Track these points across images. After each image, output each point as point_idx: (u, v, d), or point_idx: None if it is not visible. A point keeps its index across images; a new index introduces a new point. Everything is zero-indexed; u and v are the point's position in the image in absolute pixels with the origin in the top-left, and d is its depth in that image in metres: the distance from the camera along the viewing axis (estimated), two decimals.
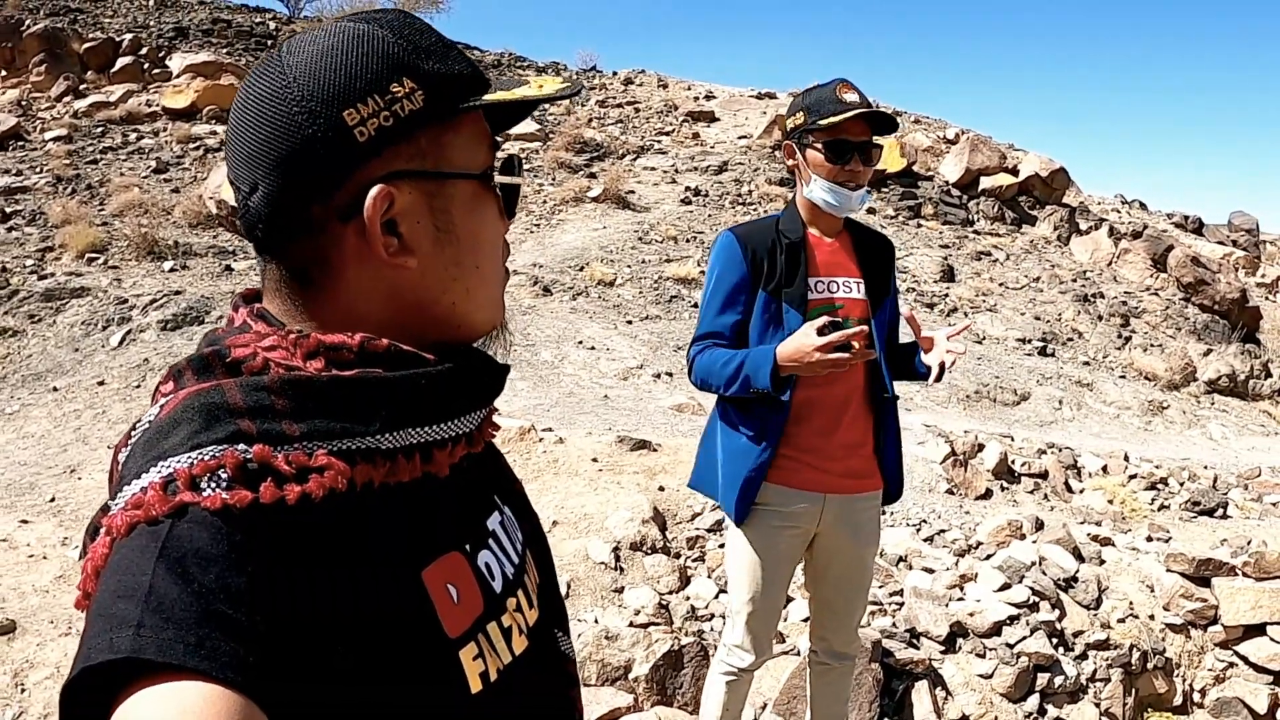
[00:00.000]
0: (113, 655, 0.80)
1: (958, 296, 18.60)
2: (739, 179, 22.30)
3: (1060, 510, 8.55)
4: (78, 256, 13.50)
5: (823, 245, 3.42)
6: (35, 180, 16.24)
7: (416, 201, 1.11)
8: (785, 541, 3.50)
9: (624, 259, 16.92)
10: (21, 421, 9.48)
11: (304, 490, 0.96)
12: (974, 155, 24.69)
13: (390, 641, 1.00)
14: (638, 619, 5.49)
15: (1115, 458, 10.33)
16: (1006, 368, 15.70)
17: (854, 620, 3.77)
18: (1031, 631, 5.65)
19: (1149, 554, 7.03)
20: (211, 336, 1.15)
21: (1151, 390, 16.71)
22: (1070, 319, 19.02)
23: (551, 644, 1.40)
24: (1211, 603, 6.32)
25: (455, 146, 1.14)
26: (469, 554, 1.18)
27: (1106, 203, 29.75)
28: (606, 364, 12.66)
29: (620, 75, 32.35)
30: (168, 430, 0.98)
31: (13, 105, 20.08)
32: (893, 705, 4.95)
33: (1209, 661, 6.22)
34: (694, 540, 6.63)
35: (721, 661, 3.72)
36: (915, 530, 7.17)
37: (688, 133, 26.20)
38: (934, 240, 21.32)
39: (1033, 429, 12.88)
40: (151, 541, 0.88)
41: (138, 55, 22.66)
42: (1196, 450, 13.40)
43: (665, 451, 8.08)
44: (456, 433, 1.15)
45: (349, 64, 1.07)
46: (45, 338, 11.52)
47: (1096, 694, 5.65)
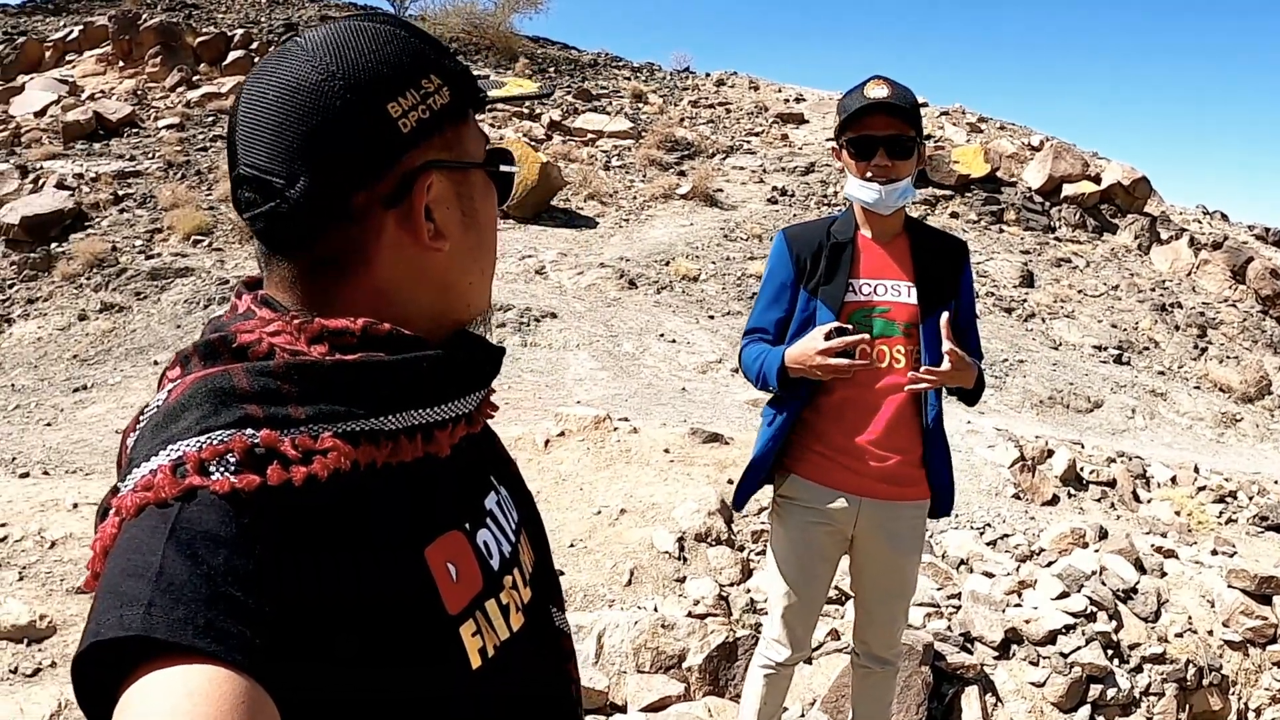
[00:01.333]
0: (124, 632, 0.79)
1: (1036, 302, 18.29)
2: (825, 180, 22.14)
3: (1126, 520, 8.35)
4: (184, 238, 13.76)
5: (872, 248, 3.32)
6: (147, 165, 16.57)
7: (447, 190, 1.15)
8: (820, 538, 3.43)
9: (709, 255, 16.85)
10: (122, 393, 9.66)
11: (309, 472, 0.95)
12: (1057, 162, 24.29)
13: (393, 619, 0.99)
14: (696, 609, 5.43)
15: (1185, 469, 10.07)
16: (1081, 374, 15.41)
17: (894, 627, 3.68)
18: (1087, 641, 5.51)
19: (1212, 568, 6.83)
20: (216, 323, 1.15)
21: (1225, 402, 16.30)
22: (1147, 328, 18.62)
23: (547, 620, 1.40)
24: (1272, 621, 6.13)
25: (469, 139, 1.19)
26: (468, 532, 1.18)
27: (1188, 213, 29.09)
28: (686, 357, 12.61)
29: (713, 76, 32.31)
30: (176, 414, 0.97)
31: (129, 94, 20.56)
32: (941, 709, 4.85)
33: (1266, 681, 6.03)
34: (759, 534, 6.56)
35: (760, 655, 3.67)
36: (979, 534, 7.04)
37: (776, 134, 26.06)
38: (1015, 246, 20.99)
39: (1104, 437, 12.62)
40: (161, 523, 0.88)
41: (248, 49, 23.19)
42: (1268, 464, 13.04)
43: (737, 445, 8.01)
44: (456, 413, 1.17)
45: (386, 59, 1.10)
46: (149, 314, 11.74)
47: (1149, 708, 5.50)
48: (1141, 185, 24.51)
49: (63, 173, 15.55)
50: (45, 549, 5.29)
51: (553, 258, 15.71)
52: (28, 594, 4.81)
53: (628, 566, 5.83)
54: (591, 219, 18.29)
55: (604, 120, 24.08)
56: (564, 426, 7.83)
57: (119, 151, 17.23)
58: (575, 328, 12.91)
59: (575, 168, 20.36)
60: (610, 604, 5.46)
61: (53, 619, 4.63)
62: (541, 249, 16.05)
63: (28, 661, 4.36)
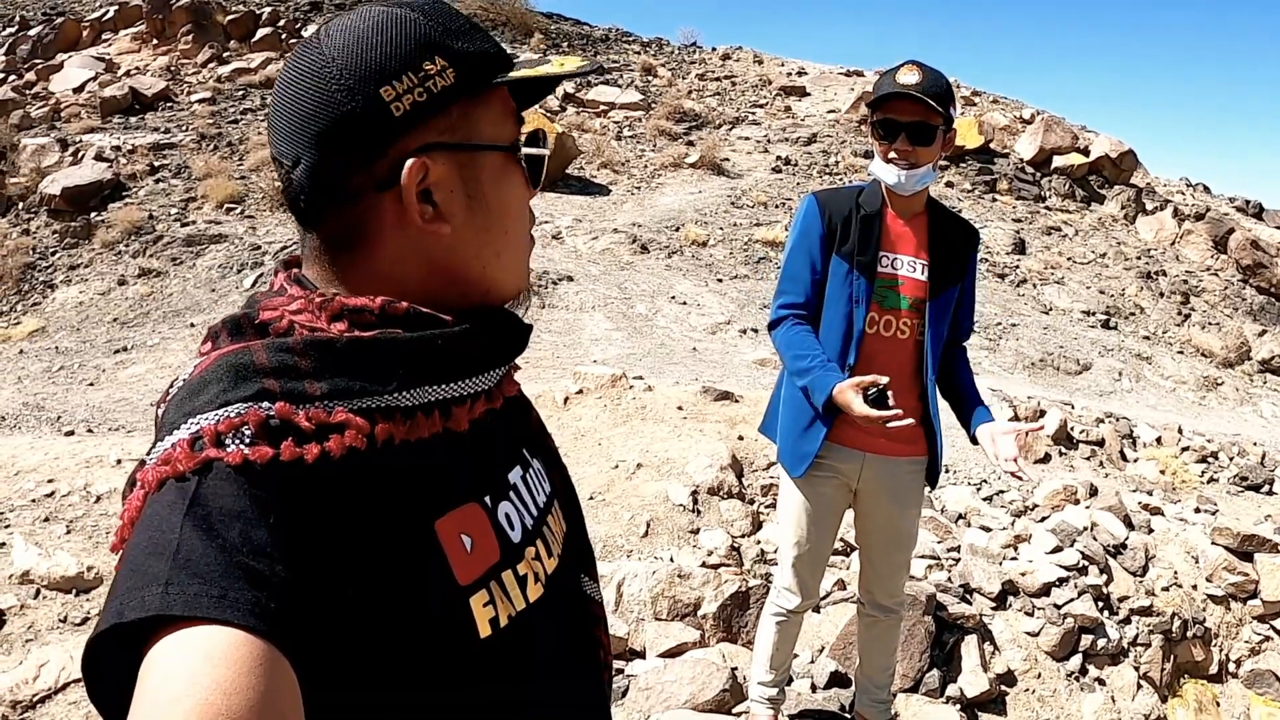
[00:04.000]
0: (144, 613, 0.79)
1: (1028, 268, 18.26)
2: (827, 150, 22.09)
3: (1114, 478, 8.35)
4: (217, 206, 13.80)
5: (896, 223, 3.31)
6: (181, 138, 16.58)
7: (449, 172, 1.11)
8: (829, 491, 3.44)
9: (717, 222, 16.82)
10: (161, 353, 9.69)
11: (323, 449, 0.94)
12: (1048, 135, 24.21)
13: (401, 589, 0.99)
14: (710, 559, 5.44)
15: (1169, 430, 10.07)
16: (1070, 338, 15.39)
17: (896, 577, 3.68)
18: (1079, 594, 5.52)
19: (1196, 525, 6.84)
20: (251, 299, 1.14)
21: (1207, 366, 16.29)
22: (1133, 295, 18.58)
23: (576, 588, 1.40)
24: (1252, 577, 6.14)
25: (484, 120, 1.14)
26: (488, 505, 1.16)
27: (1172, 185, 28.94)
28: (696, 319, 12.60)
29: (719, 51, 32.19)
30: (199, 389, 0.97)
31: (162, 71, 20.59)
32: (943, 656, 4.85)
33: (1246, 634, 6.05)
34: (768, 488, 6.56)
35: (772, 603, 3.68)
36: (976, 489, 7.05)
37: (780, 106, 25.98)
38: (1007, 215, 20.94)
39: (1092, 398, 12.61)
40: (180, 498, 0.88)
41: (276, 26, 23.21)
42: (1247, 427, 13.04)
43: (746, 402, 8.01)
44: (475, 390, 1.15)
45: (384, 44, 1.07)
46: (185, 279, 11.78)
47: (1137, 658, 5.51)
48: (1128, 158, 24.41)
49: (101, 145, 15.56)
50: (91, 503, 5.31)
51: (568, 224, 15.69)
52: (75, 546, 4.83)
53: (644, 519, 5.84)
54: (605, 186, 18.25)
55: (615, 93, 24.02)
56: (582, 384, 7.83)
57: (154, 125, 17.24)
58: (591, 290, 12.90)
59: (589, 138, 20.31)
60: (628, 554, 5.48)
61: (99, 570, 4.65)
62: (557, 215, 16.02)
63: (76, 611, 4.38)
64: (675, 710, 4.02)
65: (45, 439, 6.62)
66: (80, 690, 3.86)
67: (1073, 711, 4.95)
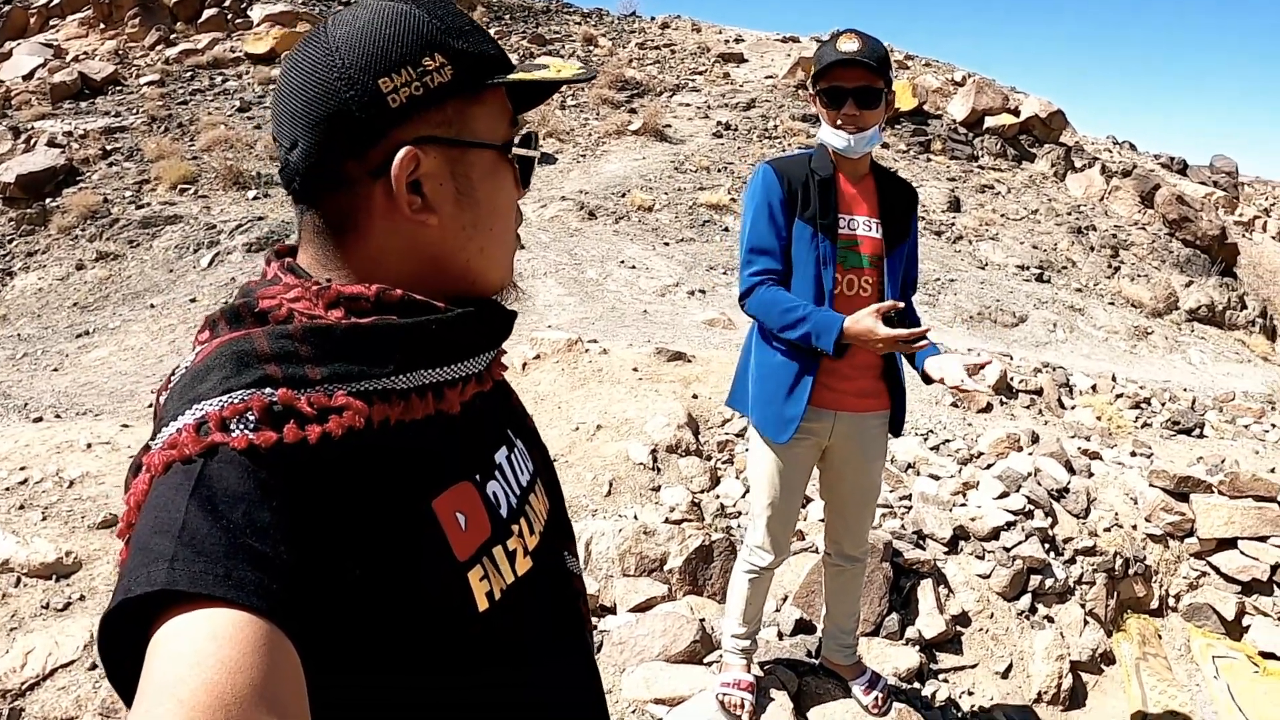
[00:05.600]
0: (150, 588, 0.79)
1: (963, 226, 18.42)
2: (765, 115, 22.12)
3: (1053, 425, 8.47)
4: (171, 187, 13.61)
5: (848, 185, 3.34)
6: (132, 120, 16.31)
7: (441, 165, 1.11)
8: (802, 452, 3.47)
9: (661, 187, 16.81)
10: (123, 336, 9.55)
11: (324, 430, 0.95)
12: (979, 97, 24.40)
13: (402, 567, 0.99)
14: (673, 515, 5.48)
15: (1104, 378, 10.23)
16: (1006, 292, 15.56)
17: (863, 527, 3.74)
18: (1026, 537, 5.61)
19: (1133, 468, 6.97)
20: (245, 288, 1.15)
21: (1137, 317, 16.55)
22: (1065, 249, 18.81)
23: (559, 563, 1.41)
24: (1189, 516, 6.27)
25: (479, 118, 1.15)
26: (478, 484, 1.18)
27: (1099, 143, 29.29)
28: (646, 282, 12.61)
29: (658, 20, 32.18)
30: (202, 376, 0.98)
31: (111, 55, 20.26)
32: (900, 600, 4.93)
33: (1184, 570, 6.18)
34: (724, 444, 6.61)
35: (744, 561, 3.71)
36: (923, 440, 7.13)
37: (719, 73, 25.97)
38: (942, 174, 21.10)
39: (1029, 349, 12.78)
40: (185, 480, 0.88)
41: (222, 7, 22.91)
42: (1177, 374, 13.28)
43: (699, 362, 8.04)
44: (466, 373, 1.16)
45: (386, 37, 1.08)
46: (143, 260, 11.63)
47: (1083, 596, 5.62)
48: (1057, 117, 24.66)
49: (53, 131, 15.27)
50: (65, 488, 5.24)
51: None
52: (52, 532, 4.76)
53: (607, 478, 5.86)
54: (551, 155, 18.14)
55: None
56: (539, 350, 7.82)
57: (105, 109, 16.95)
58: (542, 257, 12.86)
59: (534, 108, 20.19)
60: (593, 513, 5.49)
61: (78, 555, 4.59)
62: None
63: (58, 597, 4.33)
64: (649, 662, 4.05)
65: (14, 426, 6.51)
66: (68, 675, 3.82)
67: (1025, 648, 5.05)
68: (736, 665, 3.77)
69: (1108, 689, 5.21)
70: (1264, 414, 9.86)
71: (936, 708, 4.29)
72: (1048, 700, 4.89)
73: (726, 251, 14.41)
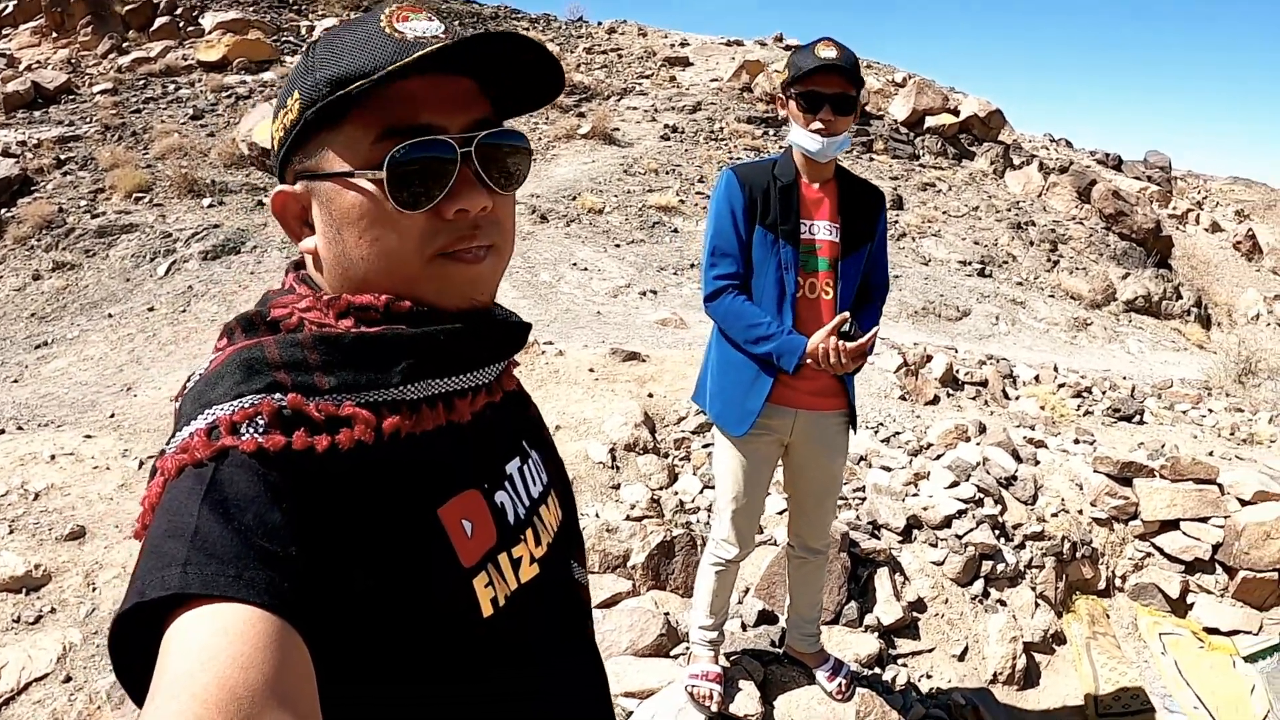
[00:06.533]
0: (164, 592, 0.81)
1: (907, 223, 18.57)
2: (711, 117, 22.18)
3: (999, 415, 8.58)
4: (126, 196, 13.38)
5: (810, 190, 3.38)
6: (86, 129, 16.03)
7: (310, 197, 1.12)
8: (763, 448, 3.52)
9: (611, 189, 16.82)
10: (81, 346, 9.41)
11: (333, 441, 0.96)
12: (920, 97, 24.63)
13: (408, 573, 1.00)
14: (633, 513, 5.50)
15: (1046, 368, 10.37)
16: (950, 287, 15.72)
17: (825, 520, 3.79)
18: (977, 524, 5.70)
19: (1077, 455, 7.08)
20: (264, 297, 1.16)
21: (1076, 308, 16.78)
22: (1005, 244, 19.03)
23: (566, 573, 1.40)
24: (1133, 500, 6.39)
25: (337, 144, 1.08)
26: (486, 492, 1.18)
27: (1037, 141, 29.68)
28: (598, 283, 12.61)
29: (605, 25, 32.13)
30: (214, 382, 0.99)
31: (64, 63, 19.88)
32: (859, 589, 4.98)
33: (1129, 552, 6.30)
34: (680, 441, 6.64)
35: (710, 554, 3.74)
36: (874, 432, 7.20)
37: (665, 76, 25.98)
38: (884, 173, 21.28)
39: (973, 342, 12.92)
40: (197, 484, 0.89)
41: (174, 15, 22.55)
42: (1116, 362, 13.48)
43: (653, 361, 8.07)
44: (476, 383, 1.16)
45: (288, 82, 1.14)
46: (100, 270, 11.45)
47: (1033, 579, 5.72)
48: (996, 116, 24.94)
49: (6, 141, 14.97)
50: (30, 501, 5.17)
51: None
52: (20, 545, 4.69)
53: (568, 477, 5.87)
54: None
55: None
56: None
57: (58, 118, 16.65)
58: None
59: None
60: None
61: (47, 567, 4.53)
62: None
63: (29, 610, 4.27)
64: (618, 657, 4.07)
65: None
66: (43, 689, 3.78)
67: (979, 632, 5.13)
68: (704, 657, 3.80)
69: (1060, 668, 5.31)
70: (1201, 399, 10.05)
71: (897, 691, 4.35)
72: (1003, 681, 4.97)
73: (676, 252, 14.44)
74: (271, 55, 21.40)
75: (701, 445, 6.54)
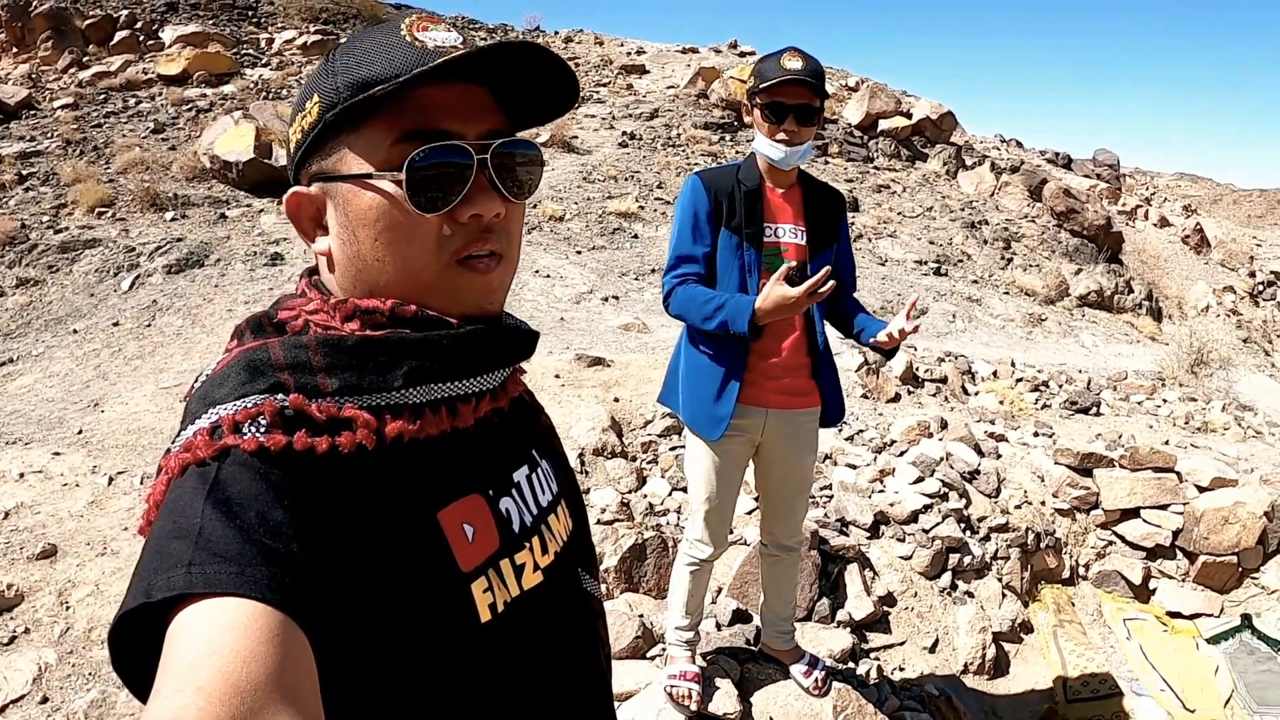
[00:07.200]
0: (169, 593, 0.80)
1: (863, 225, 18.67)
2: (669, 124, 22.22)
3: (959, 410, 8.65)
4: (88, 211, 13.21)
5: (774, 194, 3.40)
6: (47, 145, 15.82)
7: (325, 200, 1.13)
8: (735, 448, 3.51)
9: (571, 197, 16.80)
10: (47, 362, 9.28)
11: (333, 443, 0.96)
12: (873, 101, 24.81)
13: (406, 574, 1.00)
14: (604, 516, 5.49)
15: (1003, 364, 10.47)
16: (906, 286, 15.81)
17: (796, 518, 3.79)
18: (943, 518, 5.73)
19: (1037, 448, 7.15)
20: (278, 301, 1.16)
21: (1031, 304, 16.94)
22: (960, 243, 19.18)
23: (575, 581, 1.40)
24: (1093, 490, 6.45)
25: (357, 147, 1.09)
26: (490, 498, 1.17)
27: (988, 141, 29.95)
28: (561, 290, 12.59)
29: (561, 34, 32.17)
30: (220, 382, 0.99)
31: (24, 79, 19.60)
32: (829, 585, 4.99)
33: (1092, 540, 6.36)
34: (647, 445, 6.63)
35: (685, 554, 3.74)
36: (838, 430, 7.23)
37: (622, 84, 26.03)
38: (840, 176, 21.38)
39: (931, 340, 13.00)
40: (201, 483, 0.90)
41: (134, 29, 22.29)
42: (1072, 356, 13.62)
43: (617, 366, 8.07)
44: (479, 389, 1.16)
45: (301, 90, 1.15)
46: (64, 285, 11.30)
47: (999, 570, 5.76)
48: (948, 119, 25.15)
49: None
50: (0, 520, 5.11)
51: None
52: None
53: None
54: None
55: None
56: None
57: (19, 133, 16.41)
58: None
59: None
60: None
61: (19, 587, 4.46)
62: None
63: (2, 631, 4.19)
64: None
65: None
66: (20, 711, 3.73)
67: (949, 623, 5.15)
68: (681, 657, 3.79)
69: (1028, 656, 5.34)
70: (1155, 390, 10.18)
71: (871, 685, 4.36)
72: (974, 670, 5.00)
73: (637, 258, 14.45)
74: (231, 68, 21.22)
75: (669, 448, 6.54)
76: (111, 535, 5.01)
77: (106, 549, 4.87)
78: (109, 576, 4.65)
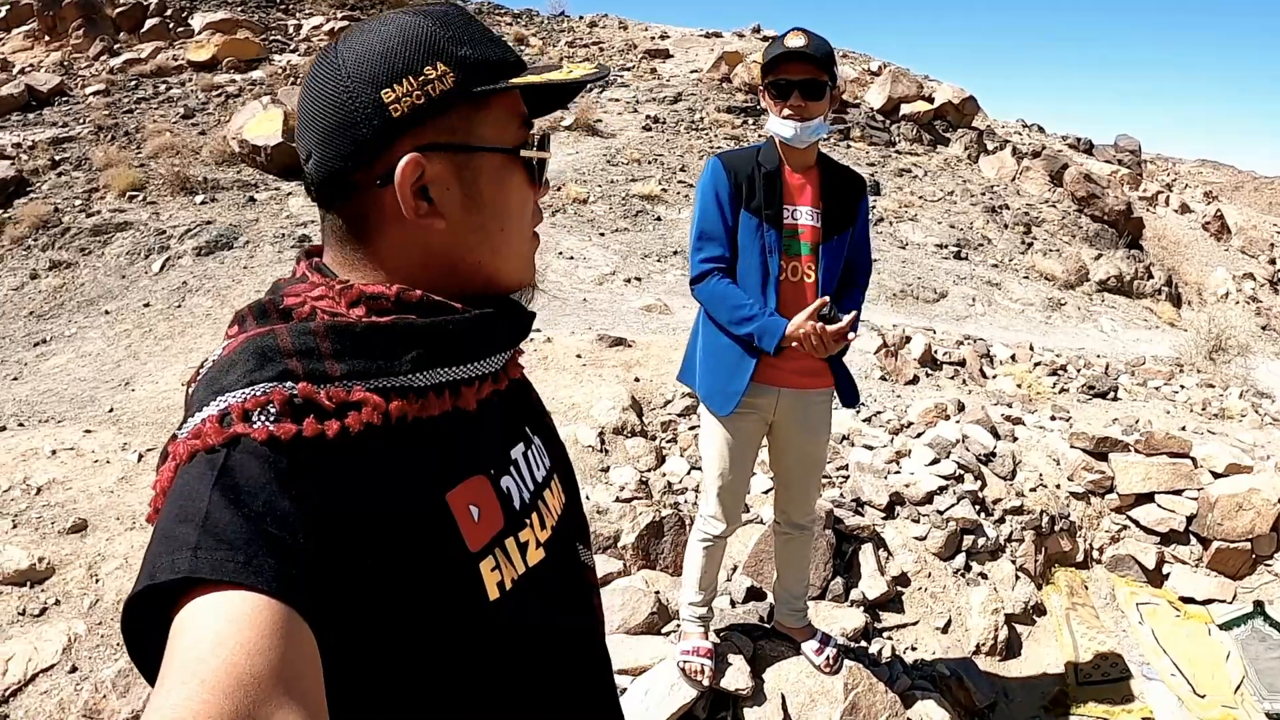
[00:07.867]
0: (174, 575, 0.80)
1: (884, 208, 18.59)
2: (692, 108, 22.18)
3: (977, 394, 8.61)
4: (120, 195, 13.27)
5: (793, 176, 3.39)
6: (79, 130, 15.90)
7: (446, 171, 1.10)
8: (748, 426, 3.52)
9: (595, 180, 16.79)
10: (79, 342, 9.36)
11: (343, 424, 0.96)
12: (895, 85, 24.66)
13: (418, 556, 1.00)
14: (623, 494, 5.50)
15: (1022, 348, 10.41)
16: (927, 270, 15.75)
17: (810, 497, 3.80)
18: (958, 500, 5.72)
19: (1054, 432, 7.12)
20: (275, 285, 1.15)
21: (1051, 289, 16.83)
22: (980, 227, 19.07)
23: (572, 555, 1.40)
24: (1109, 474, 6.42)
25: (486, 123, 1.13)
26: (493, 478, 1.18)
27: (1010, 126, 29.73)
28: (584, 271, 12.60)
29: (586, 19, 32.13)
30: (227, 369, 0.99)
31: (56, 66, 19.73)
32: (843, 564, 5.00)
33: (1106, 524, 6.33)
34: (667, 424, 6.64)
35: (699, 530, 3.75)
36: (855, 412, 7.21)
37: (646, 68, 26.00)
38: (862, 159, 21.28)
39: (950, 323, 12.95)
40: (209, 470, 0.89)
41: (164, 16, 22.42)
42: (1090, 341, 13.55)
43: (639, 347, 8.08)
44: (482, 372, 1.16)
45: (389, 50, 1.08)
46: (95, 268, 11.37)
47: (1013, 553, 5.74)
48: (969, 103, 24.99)
49: (1, 144, 14.87)
50: (33, 496, 5.14)
51: None
52: (24, 540, 4.66)
53: None
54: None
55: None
56: None
57: (52, 120, 16.50)
58: None
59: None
60: None
61: (50, 561, 4.50)
62: None
63: (34, 603, 4.24)
64: (610, 635, 4.07)
65: None
66: (50, 680, 3.76)
67: (962, 604, 5.15)
68: (695, 633, 3.81)
69: (1041, 638, 5.33)
70: (1173, 376, 10.11)
71: (883, 664, 4.36)
72: (985, 651, 4.99)
73: (659, 240, 14.42)
74: (260, 54, 21.28)
75: (688, 427, 6.55)
76: (140, 510, 5.05)
77: (135, 524, 4.92)
78: (137, 550, 4.68)
